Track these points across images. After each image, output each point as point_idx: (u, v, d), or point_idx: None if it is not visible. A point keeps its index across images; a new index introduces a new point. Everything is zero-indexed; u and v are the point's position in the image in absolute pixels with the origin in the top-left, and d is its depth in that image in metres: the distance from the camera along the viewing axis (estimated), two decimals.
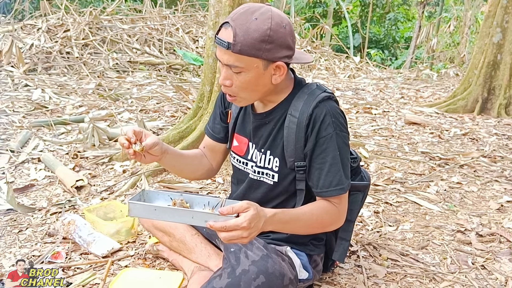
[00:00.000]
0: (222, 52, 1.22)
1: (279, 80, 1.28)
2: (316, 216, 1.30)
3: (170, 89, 5.28)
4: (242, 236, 1.07)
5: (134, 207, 1.18)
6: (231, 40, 1.18)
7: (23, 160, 2.83)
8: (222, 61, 1.23)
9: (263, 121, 1.40)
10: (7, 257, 1.77)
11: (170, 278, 1.59)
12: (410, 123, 4.27)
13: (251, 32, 1.17)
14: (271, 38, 1.19)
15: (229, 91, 1.29)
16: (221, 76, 1.27)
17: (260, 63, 1.22)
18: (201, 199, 1.30)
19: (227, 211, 1.08)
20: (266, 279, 1.22)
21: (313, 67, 8.28)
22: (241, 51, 1.18)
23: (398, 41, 13.79)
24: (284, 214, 1.23)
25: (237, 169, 1.52)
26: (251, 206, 1.10)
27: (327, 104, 1.31)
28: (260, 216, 1.12)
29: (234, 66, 1.21)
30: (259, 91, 1.30)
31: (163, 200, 1.31)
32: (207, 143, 1.59)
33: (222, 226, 1.06)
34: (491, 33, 4.87)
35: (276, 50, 1.21)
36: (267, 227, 1.16)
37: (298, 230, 1.33)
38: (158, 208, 1.17)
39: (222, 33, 1.21)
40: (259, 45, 1.18)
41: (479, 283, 1.67)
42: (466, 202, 2.46)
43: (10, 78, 5.15)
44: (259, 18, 1.18)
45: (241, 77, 1.23)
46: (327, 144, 1.29)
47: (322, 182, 1.31)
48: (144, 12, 8.17)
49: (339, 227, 1.40)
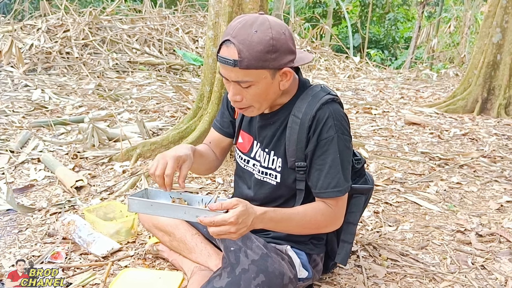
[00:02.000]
0: (228, 70, 1.22)
1: (287, 85, 1.29)
2: (309, 217, 1.30)
3: (170, 89, 5.29)
4: (230, 231, 1.09)
5: (132, 202, 1.25)
6: (237, 57, 1.17)
7: (22, 161, 2.83)
8: (230, 79, 1.23)
9: (268, 121, 1.41)
10: (7, 257, 1.77)
11: (170, 278, 1.59)
12: (410, 123, 4.27)
13: (255, 45, 1.17)
14: (275, 47, 1.19)
15: (240, 105, 1.30)
16: (230, 93, 1.27)
17: (268, 74, 1.22)
18: (198, 198, 1.35)
19: (216, 207, 1.11)
20: (266, 278, 1.23)
21: (313, 67, 8.29)
22: (248, 66, 1.18)
23: (397, 41, 13.81)
24: (276, 213, 1.24)
25: (240, 167, 1.54)
26: (240, 203, 1.12)
27: (331, 107, 1.32)
28: (249, 213, 1.13)
29: (244, 81, 1.22)
30: (270, 99, 1.31)
31: (164, 198, 1.36)
32: (214, 138, 1.60)
33: (211, 221, 1.10)
34: (491, 33, 4.88)
35: (281, 57, 1.21)
36: (257, 225, 1.18)
37: (291, 230, 1.33)
38: (154, 204, 1.23)
39: (224, 51, 1.20)
40: (265, 56, 1.18)
41: (479, 283, 1.67)
42: (466, 202, 2.46)
43: (10, 78, 5.15)
44: (259, 30, 1.18)
45: (251, 91, 1.24)
46: (328, 146, 1.30)
47: (321, 183, 1.31)
48: (144, 12, 8.17)
49: (335, 229, 1.40)
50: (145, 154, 2.90)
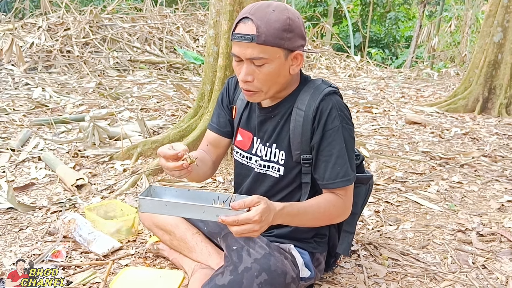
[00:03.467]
0: (244, 47, 1.22)
1: (296, 70, 1.31)
2: (323, 208, 1.31)
3: (170, 88, 5.28)
4: (254, 230, 1.09)
5: (144, 203, 1.17)
6: (255, 32, 1.20)
7: (23, 159, 2.83)
8: (245, 56, 1.23)
9: (268, 115, 1.41)
10: (8, 255, 1.77)
11: (170, 277, 1.59)
12: (411, 123, 4.26)
13: (273, 22, 1.20)
14: (291, 27, 1.22)
15: (250, 86, 1.29)
16: (243, 73, 1.26)
17: (282, 53, 1.24)
18: (208, 195, 1.30)
19: (239, 205, 1.10)
20: (268, 276, 1.22)
21: (314, 66, 8.28)
22: (265, 41, 1.20)
23: (398, 40, 13.79)
24: (292, 208, 1.25)
25: (240, 164, 1.53)
26: (262, 200, 1.12)
27: (333, 98, 1.34)
28: (270, 209, 1.14)
29: (259, 58, 1.22)
30: (279, 83, 1.31)
31: (170, 195, 1.31)
32: (211, 139, 1.58)
33: (234, 220, 1.09)
34: (492, 32, 4.87)
35: (295, 39, 1.25)
36: (277, 220, 1.19)
37: (306, 223, 1.34)
38: (169, 204, 1.16)
39: (241, 28, 1.22)
40: (282, 34, 1.21)
41: (479, 282, 1.67)
42: (467, 202, 2.46)
43: (11, 76, 5.15)
44: (276, 10, 1.22)
45: (264, 69, 1.24)
46: (334, 136, 1.31)
47: (329, 174, 1.32)
48: (144, 10, 8.17)
49: (345, 219, 1.41)
50: (146, 152, 2.90)
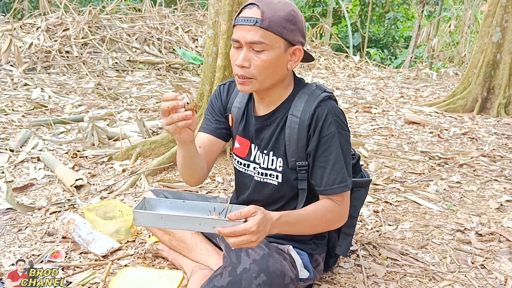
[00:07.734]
0: (246, 30, 1.22)
1: (294, 66, 1.31)
2: (320, 215, 1.30)
3: (169, 88, 5.28)
4: (251, 240, 1.08)
5: (139, 216, 1.14)
6: (259, 16, 1.21)
7: (22, 159, 2.83)
8: (246, 39, 1.22)
9: (264, 123, 1.40)
10: (7, 256, 1.77)
11: (170, 277, 1.59)
12: (410, 123, 4.27)
13: (278, 10, 1.22)
14: (295, 19, 1.24)
15: (246, 72, 1.26)
16: (241, 57, 1.24)
17: (282, 44, 1.24)
18: (205, 205, 1.27)
19: (236, 216, 1.07)
20: (267, 277, 1.22)
21: (313, 67, 8.28)
22: (269, 26, 1.21)
23: (397, 40, 13.78)
24: (289, 216, 1.23)
25: (239, 172, 1.51)
26: (258, 210, 1.10)
27: (328, 104, 1.32)
28: (267, 219, 1.12)
29: (259, 42, 1.21)
30: (275, 76, 1.29)
31: (165, 207, 1.27)
32: (204, 142, 1.50)
33: (231, 231, 1.06)
34: (491, 32, 4.87)
35: (296, 32, 1.26)
36: (274, 230, 1.17)
37: (304, 231, 1.33)
38: (165, 216, 1.14)
39: (246, 12, 1.23)
40: (285, 24, 1.22)
41: (478, 282, 1.67)
42: (466, 202, 2.46)
43: (10, 77, 5.15)
44: (282, 1, 1.25)
45: (263, 56, 1.23)
46: (330, 142, 1.30)
47: (326, 180, 1.31)
48: (143, 11, 8.16)
49: (342, 225, 1.41)
50: (145, 153, 2.90)
